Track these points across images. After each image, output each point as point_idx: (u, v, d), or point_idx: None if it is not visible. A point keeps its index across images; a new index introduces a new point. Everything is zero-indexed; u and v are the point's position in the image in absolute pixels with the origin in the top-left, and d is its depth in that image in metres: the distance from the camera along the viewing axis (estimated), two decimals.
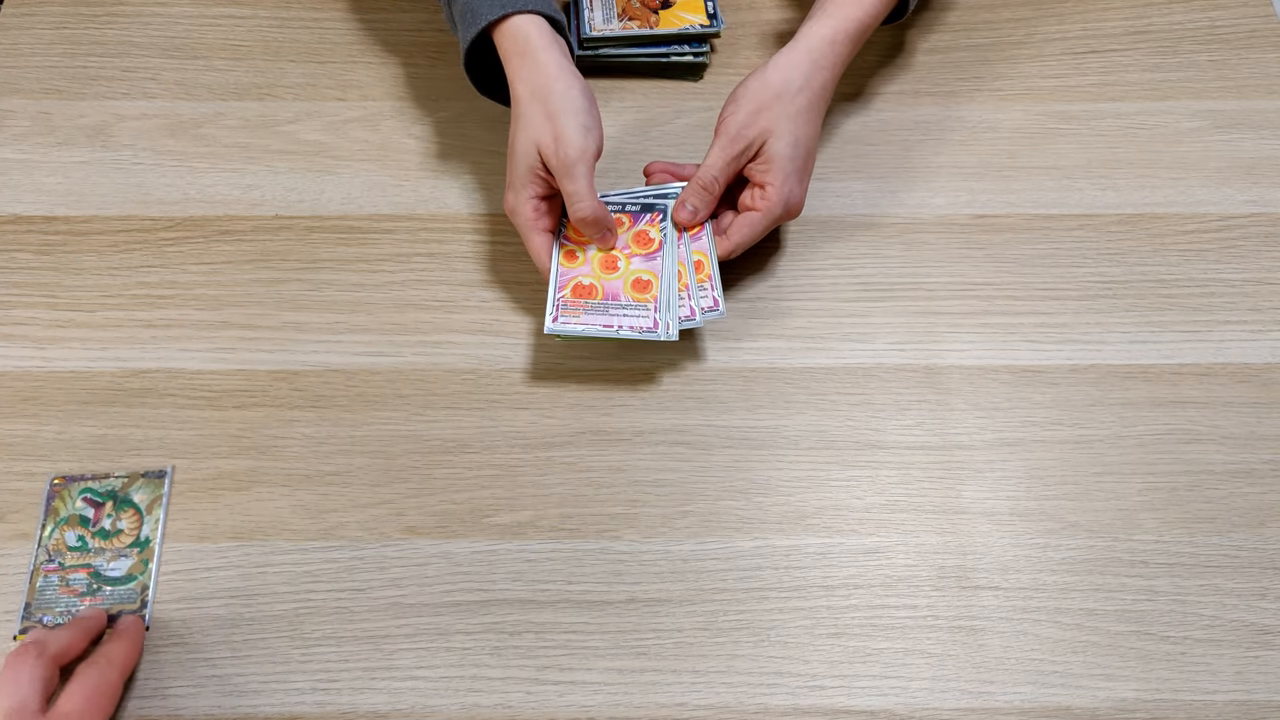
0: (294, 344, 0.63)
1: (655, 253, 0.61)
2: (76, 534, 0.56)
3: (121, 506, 0.57)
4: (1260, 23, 0.76)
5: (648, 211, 0.63)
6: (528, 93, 0.59)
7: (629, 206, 0.63)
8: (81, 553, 0.56)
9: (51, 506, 0.57)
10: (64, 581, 0.55)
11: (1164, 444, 0.60)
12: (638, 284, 0.60)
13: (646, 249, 0.61)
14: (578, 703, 0.53)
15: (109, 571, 0.55)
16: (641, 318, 0.59)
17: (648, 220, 0.62)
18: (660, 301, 0.59)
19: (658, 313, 0.59)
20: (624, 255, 0.61)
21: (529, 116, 0.59)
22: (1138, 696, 0.53)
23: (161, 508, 0.57)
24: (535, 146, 0.58)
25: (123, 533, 0.56)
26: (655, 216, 0.62)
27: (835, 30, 0.62)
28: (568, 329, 0.58)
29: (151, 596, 0.55)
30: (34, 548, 0.56)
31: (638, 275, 0.60)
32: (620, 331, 0.58)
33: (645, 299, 0.59)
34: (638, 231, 0.62)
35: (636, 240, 0.61)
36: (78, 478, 0.58)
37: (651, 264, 0.61)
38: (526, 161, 0.59)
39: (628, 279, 0.60)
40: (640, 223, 0.62)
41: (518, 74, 0.59)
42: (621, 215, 0.63)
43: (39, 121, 0.71)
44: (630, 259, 0.61)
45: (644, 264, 0.61)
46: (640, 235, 0.62)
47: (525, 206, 0.60)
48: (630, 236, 0.62)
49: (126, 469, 0.58)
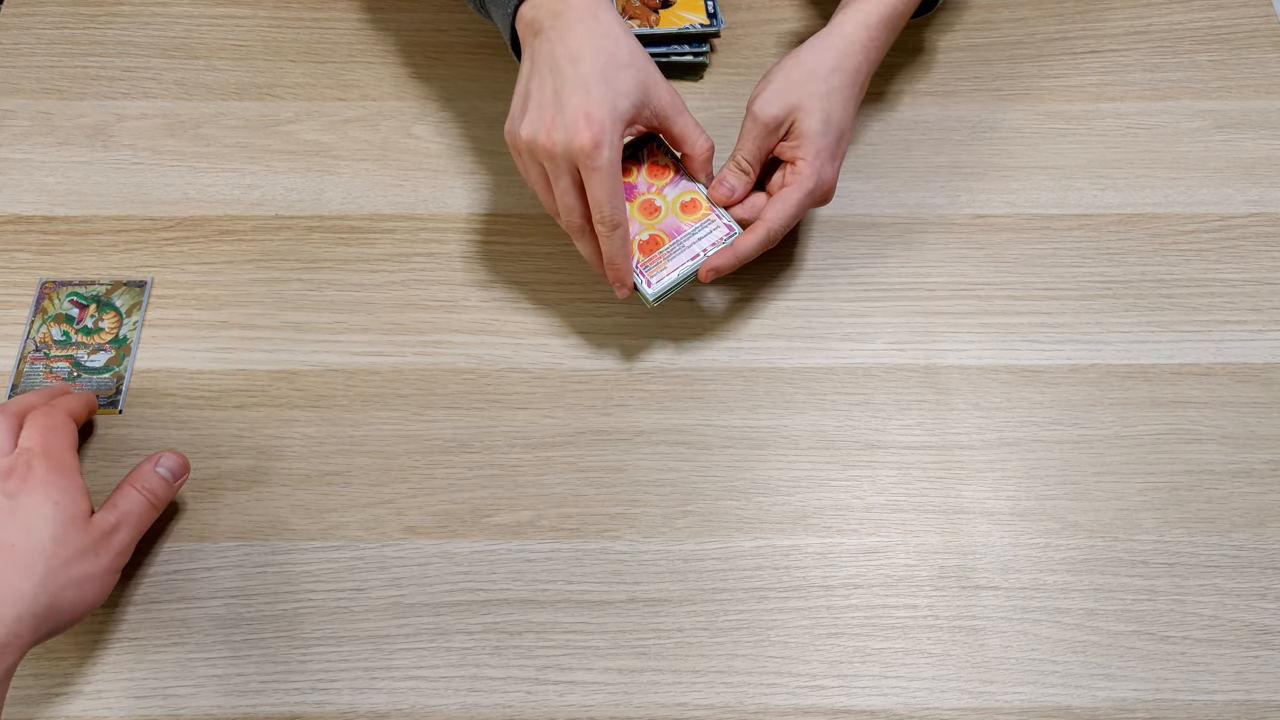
0: (294, 344, 0.63)
1: (677, 175, 0.61)
2: (61, 330, 0.62)
3: (104, 309, 0.62)
4: (1260, 23, 0.76)
5: (641, 147, 0.62)
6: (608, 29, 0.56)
7: (624, 156, 0.62)
8: (65, 345, 0.62)
9: (41, 305, 0.62)
10: (48, 369, 0.61)
11: (1164, 444, 0.60)
12: (685, 207, 0.60)
13: (666, 177, 0.61)
14: (578, 703, 0.53)
15: (89, 363, 0.61)
16: (714, 230, 0.59)
17: (648, 154, 0.62)
18: (716, 210, 0.60)
19: (723, 219, 0.59)
20: (655, 194, 0.61)
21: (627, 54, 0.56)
22: (1138, 696, 0.53)
23: (140, 312, 0.62)
24: (643, 82, 0.56)
25: (103, 331, 0.62)
26: (652, 147, 0.62)
27: (869, 15, 0.61)
28: (666, 283, 0.58)
29: (125, 386, 0.61)
30: (22, 339, 0.61)
31: (680, 200, 0.60)
32: (709, 252, 0.58)
33: (703, 214, 0.60)
34: (648, 167, 0.62)
35: (653, 174, 0.61)
36: (65, 283, 0.64)
37: (681, 186, 0.61)
38: (632, 99, 0.55)
39: (675, 210, 0.60)
40: (644, 160, 0.62)
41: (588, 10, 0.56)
42: (625, 165, 0.62)
43: (39, 121, 0.71)
44: (661, 193, 0.61)
45: (675, 190, 0.61)
46: (653, 168, 0.61)
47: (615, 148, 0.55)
48: (646, 175, 0.61)
49: (110, 279, 0.64)
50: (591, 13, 0.56)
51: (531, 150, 0.56)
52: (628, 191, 0.61)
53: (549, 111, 0.55)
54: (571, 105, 0.54)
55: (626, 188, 0.61)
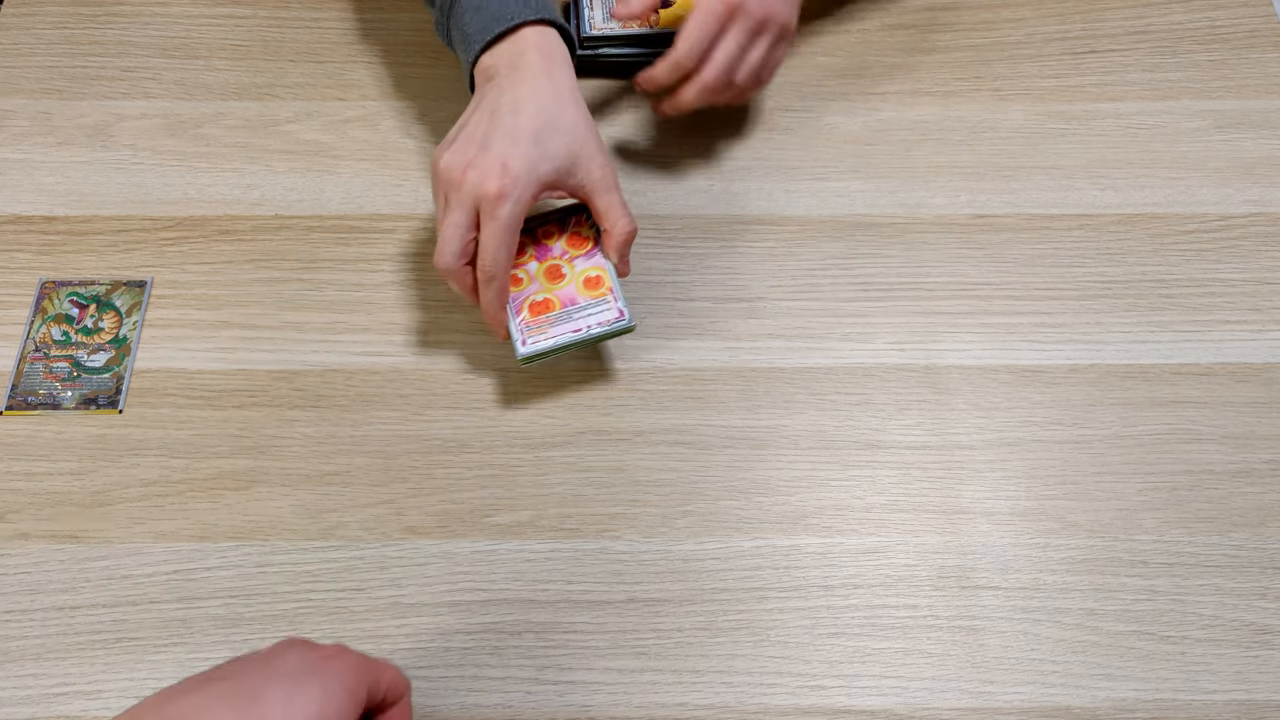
0: (294, 344, 0.63)
1: (593, 249, 0.61)
2: (61, 330, 0.62)
3: (104, 309, 0.62)
4: (1260, 23, 0.76)
5: (572, 214, 0.63)
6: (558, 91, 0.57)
7: (552, 216, 0.63)
8: (65, 345, 0.62)
9: (41, 305, 0.62)
10: (48, 369, 0.61)
11: (1164, 444, 0.60)
12: (589, 282, 0.60)
13: (583, 248, 0.61)
14: (578, 703, 0.53)
15: (89, 363, 0.61)
16: (605, 311, 0.59)
17: (575, 223, 0.62)
18: (615, 292, 0.59)
19: (618, 302, 0.59)
20: (565, 261, 0.61)
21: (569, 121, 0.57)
22: (1138, 696, 0.53)
23: (140, 312, 0.62)
24: (575, 152, 0.57)
25: (103, 331, 0.62)
26: (581, 217, 0.62)
27: None
28: (540, 347, 0.58)
29: (125, 386, 0.61)
30: (22, 339, 0.61)
31: (585, 274, 0.60)
32: (590, 331, 0.58)
33: (601, 293, 0.59)
34: (570, 235, 0.62)
35: (571, 243, 0.62)
36: (65, 283, 0.64)
37: (593, 260, 0.61)
38: (556, 164, 0.56)
39: (577, 281, 0.60)
40: (569, 226, 0.62)
41: (542, 69, 0.57)
42: (549, 226, 0.63)
43: (39, 121, 0.71)
44: (571, 262, 0.61)
45: (586, 262, 0.61)
46: (573, 238, 0.62)
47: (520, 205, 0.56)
48: (565, 242, 0.62)
49: (110, 279, 0.64)
50: (546, 71, 0.57)
51: (445, 178, 0.56)
52: (541, 252, 0.61)
53: (472, 149, 0.56)
54: (494, 151, 0.55)
55: (541, 249, 0.62)
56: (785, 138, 0.71)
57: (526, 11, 0.58)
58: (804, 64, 0.74)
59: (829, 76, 0.74)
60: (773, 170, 0.70)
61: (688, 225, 0.67)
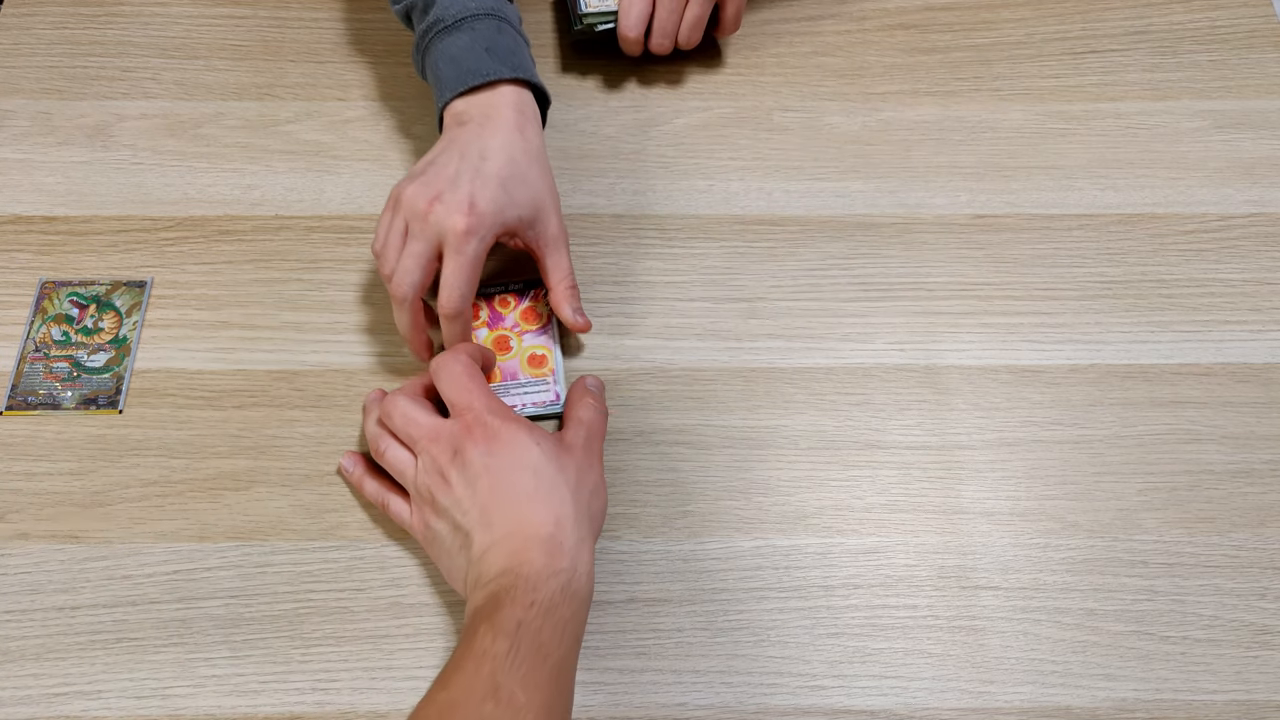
0: (294, 344, 0.63)
1: (545, 327, 0.62)
2: (61, 330, 0.62)
3: (104, 309, 0.62)
4: (1260, 23, 0.76)
5: (531, 288, 0.63)
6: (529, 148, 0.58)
7: (512, 286, 0.64)
8: (65, 345, 0.62)
9: (41, 305, 0.62)
10: (48, 369, 0.61)
11: (1164, 444, 0.60)
12: (533, 359, 0.61)
13: (536, 324, 0.62)
14: (578, 703, 0.53)
15: (89, 363, 0.61)
16: (542, 392, 0.59)
17: (532, 296, 0.63)
18: (557, 374, 0.60)
19: (557, 385, 0.60)
20: (515, 334, 0.62)
21: (535, 176, 0.58)
22: (1138, 696, 0.53)
23: (140, 312, 0.62)
24: (538, 205, 0.58)
25: (103, 331, 0.62)
26: (539, 292, 0.63)
27: None
28: None
29: (125, 386, 0.61)
30: (22, 339, 0.61)
31: (531, 351, 0.61)
32: (525, 410, 0.59)
33: (543, 373, 0.60)
34: (525, 308, 0.63)
35: (525, 317, 0.62)
36: (65, 283, 0.64)
37: (542, 338, 0.62)
38: (520, 213, 0.57)
39: (522, 356, 0.61)
40: (526, 299, 0.63)
41: (515, 125, 0.58)
42: (507, 295, 0.63)
43: (39, 121, 0.71)
44: (521, 336, 0.61)
45: (535, 339, 0.62)
46: (528, 312, 0.62)
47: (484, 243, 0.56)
48: (519, 314, 0.62)
49: (110, 279, 0.64)
50: (519, 127, 0.58)
51: (409, 207, 0.56)
52: (494, 320, 0.62)
53: (441, 185, 0.56)
54: (463, 189, 0.55)
55: (495, 316, 0.62)
56: (785, 138, 0.71)
57: (504, 70, 0.59)
58: (804, 64, 0.74)
59: (829, 76, 0.74)
60: (773, 170, 0.70)
61: (688, 225, 0.67)
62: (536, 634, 0.46)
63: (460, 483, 0.51)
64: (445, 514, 0.51)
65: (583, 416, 0.56)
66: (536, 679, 0.45)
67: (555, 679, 0.46)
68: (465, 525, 0.50)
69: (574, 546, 0.49)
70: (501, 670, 0.44)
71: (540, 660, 0.46)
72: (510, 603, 0.47)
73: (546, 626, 0.46)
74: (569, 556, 0.49)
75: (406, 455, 0.54)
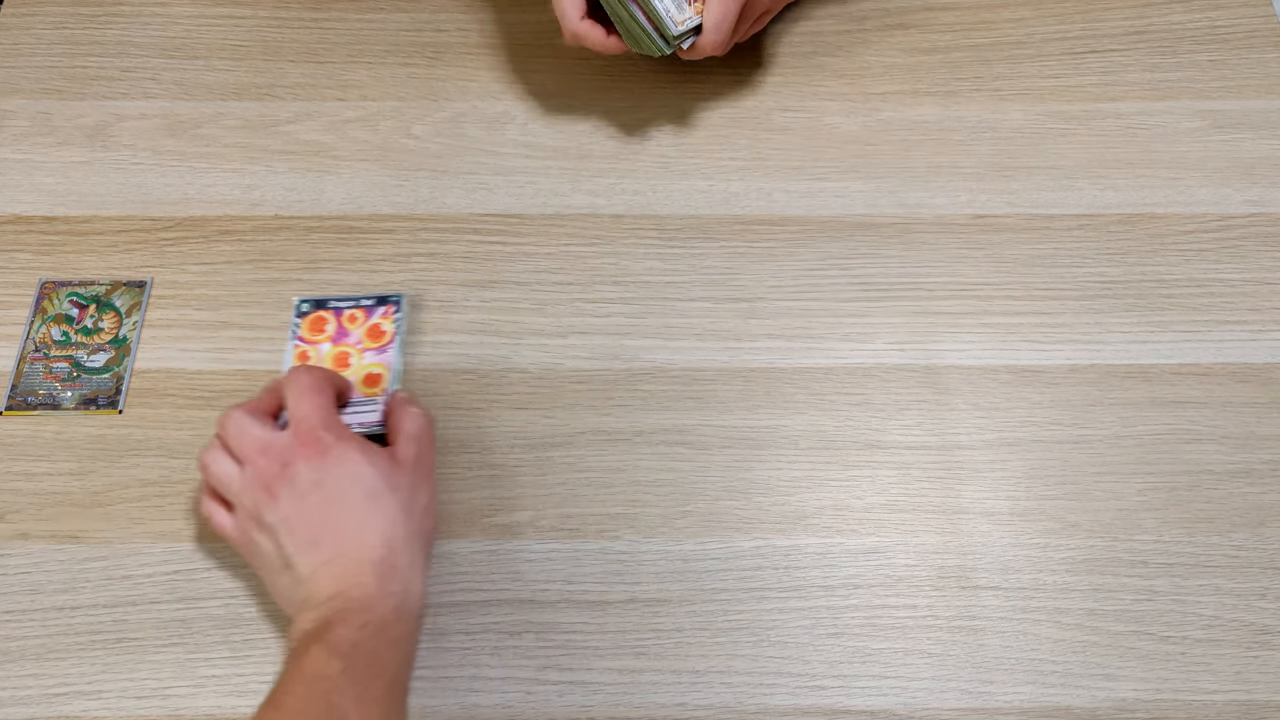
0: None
1: (386, 345, 0.62)
2: (61, 330, 0.62)
3: (104, 309, 0.62)
4: (1260, 23, 0.76)
5: (382, 304, 0.63)
6: None
7: (363, 301, 0.63)
8: (65, 345, 0.62)
9: (40, 306, 0.62)
10: (48, 369, 0.61)
11: (1164, 444, 0.60)
12: (369, 379, 0.60)
13: (378, 342, 0.62)
14: (578, 703, 0.53)
15: (89, 363, 0.61)
16: (369, 412, 0.58)
17: (381, 314, 0.63)
18: (388, 394, 0.59)
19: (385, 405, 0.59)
20: (356, 350, 0.61)
21: None
22: (1138, 696, 0.53)
23: (140, 312, 0.62)
24: None
25: (103, 331, 0.62)
26: (389, 309, 0.63)
27: None
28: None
29: (125, 386, 0.61)
30: (22, 339, 0.61)
31: (369, 370, 0.61)
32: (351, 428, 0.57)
33: (374, 393, 0.60)
34: (371, 325, 0.62)
35: (369, 334, 0.62)
36: (65, 283, 0.64)
37: (383, 357, 0.61)
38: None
39: (359, 374, 0.60)
40: (374, 316, 0.63)
41: None
42: (355, 310, 0.63)
43: (39, 121, 0.71)
44: (362, 354, 0.61)
45: (376, 357, 0.61)
46: (373, 329, 0.62)
47: None
48: (364, 331, 0.62)
49: (110, 279, 0.64)
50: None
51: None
52: (340, 335, 0.62)
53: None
54: None
55: (340, 331, 0.62)
56: (785, 138, 0.71)
57: None
58: (804, 64, 0.74)
59: (829, 76, 0.74)
60: (773, 170, 0.70)
61: (688, 225, 0.67)
62: (371, 654, 0.46)
63: (288, 498, 0.50)
64: (270, 531, 0.50)
65: (410, 430, 0.54)
66: (371, 696, 0.45)
67: (389, 696, 0.46)
68: (291, 544, 0.49)
69: (406, 568, 0.49)
70: (335, 690, 0.44)
71: (374, 678, 0.45)
72: (342, 624, 0.46)
73: (380, 646, 0.46)
74: (401, 579, 0.48)
75: (232, 467, 0.52)
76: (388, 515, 0.50)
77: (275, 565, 0.50)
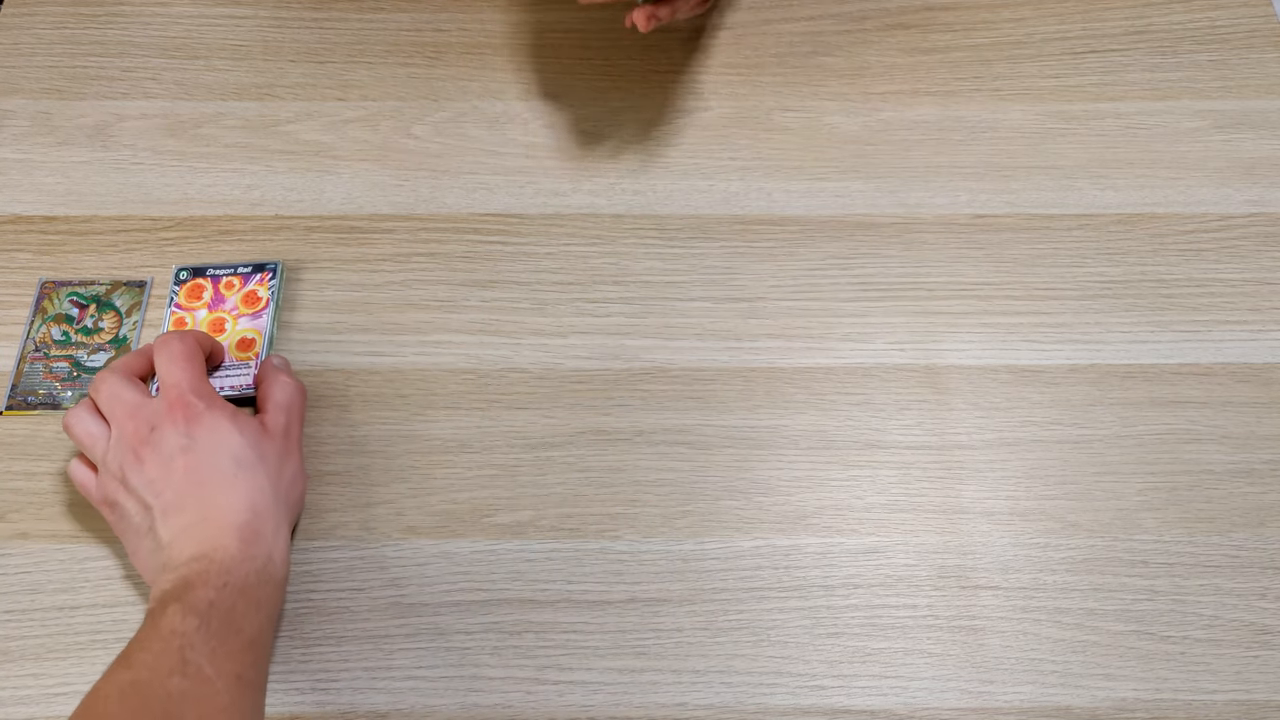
0: (295, 344, 0.63)
1: (261, 311, 0.62)
2: (61, 329, 0.62)
3: (104, 309, 0.62)
4: (1260, 23, 0.76)
5: (259, 271, 0.64)
6: None
7: (240, 269, 0.64)
8: (65, 345, 0.62)
9: (40, 305, 0.62)
10: (48, 369, 0.61)
11: (1164, 444, 0.60)
12: (242, 343, 0.61)
13: (254, 308, 0.62)
14: (578, 703, 0.53)
15: (89, 363, 0.61)
16: (241, 375, 0.60)
17: (258, 280, 0.63)
18: (260, 359, 0.60)
19: (255, 369, 0.60)
20: (231, 316, 0.62)
21: None
22: (1138, 696, 0.53)
23: (140, 312, 0.62)
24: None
25: (103, 331, 0.62)
26: (265, 276, 0.63)
27: None
28: None
29: None
30: (22, 339, 0.61)
31: (243, 335, 0.61)
32: (222, 392, 0.58)
33: (247, 357, 0.61)
34: (248, 292, 0.63)
35: (245, 300, 0.63)
36: (65, 283, 0.64)
37: (257, 322, 0.62)
38: None
39: (233, 339, 0.61)
40: (250, 282, 0.63)
41: None
42: (233, 278, 0.63)
43: (39, 121, 0.71)
44: (237, 320, 0.62)
45: (250, 323, 0.62)
46: (250, 295, 0.63)
47: None
48: (240, 298, 0.63)
49: (110, 279, 0.64)
50: None
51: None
52: (216, 301, 0.63)
53: None
54: None
55: (217, 298, 0.63)
56: (785, 138, 0.71)
57: None
58: (804, 64, 0.74)
59: (829, 76, 0.74)
60: (773, 170, 0.70)
61: (688, 225, 0.67)
62: (229, 612, 0.46)
63: (154, 461, 0.50)
64: (135, 493, 0.50)
65: (280, 399, 0.56)
66: (228, 650, 0.45)
67: (247, 652, 0.46)
68: (156, 506, 0.50)
69: (271, 534, 0.50)
70: (190, 646, 0.44)
71: (232, 634, 0.45)
72: (203, 585, 0.46)
73: (239, 604, 0.46)
74: (265, 544, 0.49)
75: (98, 429, 0.52)
76: (254, 482, 0.50)
77: (140, 527, 0.51)
